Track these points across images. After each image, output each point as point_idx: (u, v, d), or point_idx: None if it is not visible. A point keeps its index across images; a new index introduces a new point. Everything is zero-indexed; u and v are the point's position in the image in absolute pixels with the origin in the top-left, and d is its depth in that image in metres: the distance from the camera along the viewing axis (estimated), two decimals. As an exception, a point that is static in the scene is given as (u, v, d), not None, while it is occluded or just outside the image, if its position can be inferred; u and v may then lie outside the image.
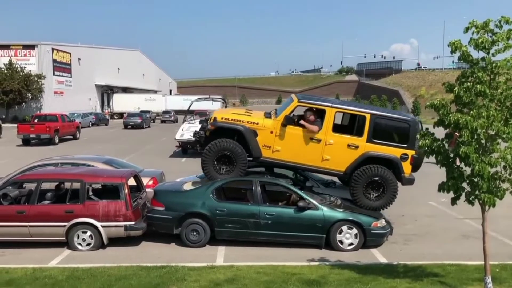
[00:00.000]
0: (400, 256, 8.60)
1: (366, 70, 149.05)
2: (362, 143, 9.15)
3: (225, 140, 9.23)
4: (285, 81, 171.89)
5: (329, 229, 8.82)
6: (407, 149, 9.15)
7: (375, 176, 9.07)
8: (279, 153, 9.33)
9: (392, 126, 9.45)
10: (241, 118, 9.49)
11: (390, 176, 9.11)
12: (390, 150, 9.16)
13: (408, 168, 9.22)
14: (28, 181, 9.52)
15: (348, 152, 9.17)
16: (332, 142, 9.19)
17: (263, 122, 9.43)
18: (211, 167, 9.27)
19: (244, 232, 8.97)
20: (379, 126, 9.23)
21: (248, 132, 9.26)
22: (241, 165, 9.23)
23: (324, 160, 9.25)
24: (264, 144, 9.32)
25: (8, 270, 7.59)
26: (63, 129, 30.79)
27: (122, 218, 8.72)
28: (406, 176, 9.24)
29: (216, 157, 9.23)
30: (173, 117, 55.81)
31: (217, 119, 9.45)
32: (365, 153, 9.12)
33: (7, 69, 48.16)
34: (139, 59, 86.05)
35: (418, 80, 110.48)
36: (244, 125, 9.33)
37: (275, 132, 9.30)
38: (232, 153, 9.17)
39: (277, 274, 7.41)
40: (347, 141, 9.22)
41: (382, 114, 9.48)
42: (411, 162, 9.19)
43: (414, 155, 9.16)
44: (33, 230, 8.72)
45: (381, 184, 9.13)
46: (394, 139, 9.29)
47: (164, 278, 7.21)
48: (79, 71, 61.58)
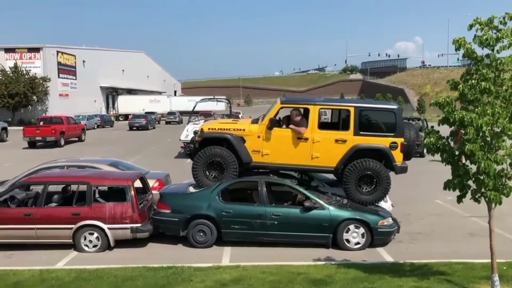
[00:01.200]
0: (407, 254, 8.58)
1: (370, 69, 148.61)
2: (349, 137, 9.15)
3: (214, 146, 9.32)
4: (289, 81, 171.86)
5: (336, 229, 8.81)
6: (396, 137, 9.13)
7: (367, 170, 9.04)
8: (269, 157, 9.37)
9: (378, 117, 9.50)
10: (227, 126, 9.66)
11: (381, 168, 9.09)
12: (379, 141, 9.15)
13: (399, 156, 9.19)
14: (35, 184, 9.58)
15: (336, 147, 9.17)
16: (319, 140, 9.21)
17: (249, 128, 9.51)
18: (201, 174, 9.32)
19: (251, 233, 8.98)
20: (365, 118, 9.26)
21: (235, 139, 9.32)
22: (232, 170, 9.26)
23: (314, 158, 9.26)
24: (253, 149, 9.38)
25: (15, 272, 7.64)
26: (68, 131, 30.91)
27: (129, 220, 8.75)
28: (398, 164, 9.20)
29: (206, 164, 9.29)
30: (178, 118, 55.88)
31: (204, 130, 9.61)
32: (353, 146, 9.10)
33: (12, 72, 48.43)
34: (143, 60, 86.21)
35: (423, 78, 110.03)
36: (230, 132, 9.41)
37: (262, 136, 9.36)
38: (221, 158, 9.24)
39: (283, 274, 7.41)
40: (334, 136, 9.25)
41: (366, 106, 9.57)
42: (402, 150, 9.17)
43: (404, 143, 9.16)
44: (40, 233, 8.77)
45: (373, 178, 9.11)
46: (381, 129, 9.31)
47: (171, 279, 7.23)
48: (84, 73, 61.78)
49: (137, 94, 74.91)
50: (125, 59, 76.40)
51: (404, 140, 9.16)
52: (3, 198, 9.17)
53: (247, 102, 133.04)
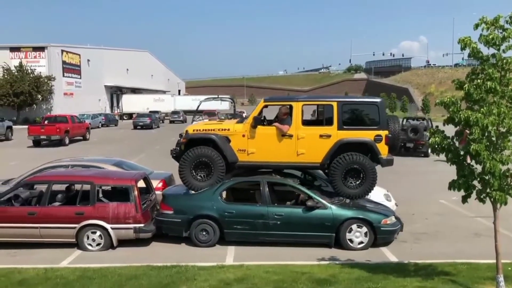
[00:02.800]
0: (411, 254, 8.54)
1: (375, 68, 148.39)
2: (333, 132, 9.14)
3: (200, 147, 9.31)
4: (293, 80, 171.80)
5: (339, 228, 8.79)
6: (380, 130, 9.13)
7: (352, 164, 9.03)
8: (255, 155, 9.36)
9: (361, 110, 9.52)
10: (211, 127, 9.67)
11: (367, 162, 9.08)
12: (363, 134, 9.15)
13: (384, 149, 9.18)
14: (39, 183, 9.60)
15: (321, 142, 9.17)
16: (304, 136, 9.21)
17: (234, 127, 9.52)
18: (188, 175, 9.29)
19: (253, 233, 8.97)
20: (348, 112, 9.27)
21: (220, 139, 9.31)
22: (219, 170, 9.24)
23: (299, 154, 9.25)
24: (238, 148, 9.37)
25: (20, 270, 7.66)
26: (73, 130, 30.99)
27: (132, 220, 8.76)
28: (384, 157, 9.19)
29: (193, 165, 9.27)
30: (182, 117, 55.91)
31: (188, 132, 9.62)
32: (338, 141, 9.09)
33: (17, 71, 48.63)
34: (147, 60, 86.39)
35: (428, 77, 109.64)
36: (215, 133, 9.41)
37: (247, 135, 9.36)
38: (208, 158, 9.22)
39: (287, 274, 7.39)
40: (319, 132, 9.24)
41: (349, 100, 9.66)
42: (386, 142, 9.16)
43: (388, 135, 9.16)
44: (43, 232, 8.79)
45: (359, 171, 9.09)
46: (365, 123, 9.32)
47: (174, 278, 7.23)
48: (89, 72, 61.97)
49: (141, 93, 75.08)
50: (130, 58, 76.57)
51: (388, 133, 9.18)
52: (7, 197, 9.20)
53: (251, 101, 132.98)
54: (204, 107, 36.39)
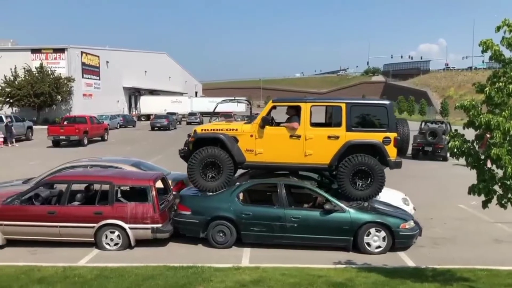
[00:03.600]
0: (429, 259, 8.44)
1: (393, 71, 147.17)
2: (342, 133, 9.11)
3: (209, 147, 9.33)
4: (310, 82, 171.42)
5: (357, 232, 8.73)
6: (388, 132, 9.07)
7: (360, 165, 8.97)
8: (262, 155, 9.37)
9: (369, 112, 9.46)
10: (220, 127, 9.71)
11: (375, 163, 9.01)
12: (371, 136, 9.09)
13: (393, 151, 9.11)
14: (59, 182, 9.74)
15: (329, 143, 9.13)
16: (312, 137, 9.19)
17: (242, 127, 9.55)
18: (197, 175, 9.32)
19: (270, 236, 8.96)
20: (356, 114, 9.23)
21: (228, 138, 9.33)
22: (228, 170, 9.27)
23: (307, 155, 9.22)
24: (246, 148, 9.38)
25: (40, 268, 7.78)
26: (92, 131, 31.37)
27: (150, 220, 8.82)
28: (393, 159, 9.10)
29: (202, 165, 9.30)
30: (199, 119, 56.14)
31: (197, 131, 9.67)
32: (346, 142, 9.05)
33: (38, 72, 49.42)
34: (165, 62, 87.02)
35: (447, 80, 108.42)
36: (223, 132, 9.43)
37: (255, 135, 9.37)
38: (217, 158, 9.24)
39: (303, 276, 7.36)
40: (327, 133, 9.21)
41: (357, 102, 9.56)
42: (395, 144, 9.09)
43: (397, 137, 9.09)
44: (63, 231, 8.91)
45: (367, 173, 9.03)
46: (373, 125, 9.27)
47: (191, 279, 7.26)
48: (107, 74, 62.66)
49: (159, 94, 75.67)
50: (148, 60, 77.24)
51: (397, 135, 9.11)
52: (28, 196, 9.35)
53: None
54: (221, 109, 36.47)
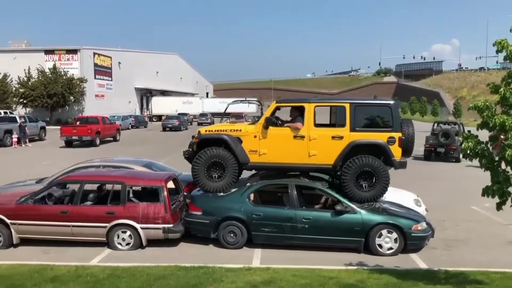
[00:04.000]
0: (441, 262, 8.36)
1: (405, 71, 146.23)
2: (346, 133, 9.07)
3: (213, 147, 9.36)
4: (321, 83, 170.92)
5: (368, 233, 8.68)
6: (393, 132, 9.01)
7: (365, 167, 8.92)
8: (266, 156, 9.36)
9: (374, 112, 9.43)
10: (224, 128, 9.74)
11: (379, 164, 8.95)
12: (376, 136, 9.04)
13: (397, 151, 9.04)
14: (72, 182, 9.82)
15: (333, 144, 9.10)
16: (316, 137, 9.16)
17: (245, 128, 9.56)
18: (202, 176, 9.35)
19: (281, 236, 8.95)
20: (360, 114, 9.17)
21: (232, 139, 9.34)
22: (233, 170, 9.28)
23: (311, 156, 9.20)
24: (250, 149, 9.39)
25: (52, 267, 7.86)
26: (104, 131, 31.60)
27: (161, 220, 8.86)
28: (397, 159, 9.04)
29: (207, 166, 9.32)
30: (210, 120, 56.29)
31: (201, 132, 9.72)
32: (350, 142, 9.01)
33: (51, 73, 49.92)
34: (177, 62, 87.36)
35: (460, 81, 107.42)
36: (227, 133, 9.45)
37: (258, 136, 9.37)
38: (221, 159, 9.26)
39: (314, 278, 7.34)
40: (331, 133, 9.19)
41: (361, 102, 9.50)
42: (400, 144, 9.03)
43: (402, 137, 9.02)
44: (75, 230, 8.98)
45: (372, 174, 8.97)
46: (378, 125, 9.22)
47: (202, 279, 7.28)
48: (119, 75, 63.08)
49: (170, 95, 75.98)
50: (160, 61, 77.63)
51: (402, 135, 9.04)
52: (41, 196, 9.44)
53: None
54: (232, 110, 36.48)
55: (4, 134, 29.28)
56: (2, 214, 9.03)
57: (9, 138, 29.54)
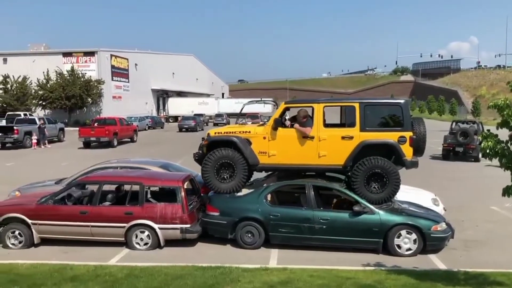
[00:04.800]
0: (460, 262, 8.25)
1: (422, 70, 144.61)
2: (356, 133, 8.99)
3: (222, 148, 9.37)
4: (337, 82, 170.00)
5: (387, 234, 8.61)
6: (404, 131, 8.90)
7: (375, 168, 8.83)
8: (276, 157, 9.35)
9: (384, 112, 9.32)
10: (233, 130, 9.78)
11: (390, 166, 8.85)
12: (386, 135, 8.94)
13: (409, 151, 8.93)
14: (90, 183, 9.94)
15: (343, 144, 9.04)
16: (325, 138, 9.12)
17: (255, 129, 9.56)
18: (212, 177, 9.38)
19: (298, 237, 8.93)
20: (370, 113, 9.09)
21: (241, 141, 9.35)
22: (242, 171, 9.30)
23: (321, 156, 9.15)
24: (259, 150, 9.39)
25: (72, 266, 7.97)
26: (121, 132, 31.91)
27: (179, 221, 8.92)
28: (408, 159, 8.92)
29: (216, 167, 9.36)
30: (226, 120, 56.33)
31: (210, 134, 9.76)
32: (361, 142, 8.93)
33: (69, 75, 50.64)
34: (193, 63, 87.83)
35: (478, 79, 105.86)
36: (236, 135, 9.46)
37: (267, 137, 9.36)
38: (231, 160, 9.28)
39: (331, 278, 7.31)
40: (341, 133, 9.13)
41: (371, 101, 9.42)
42: (411, 143, 8.91)
43: (413, 136, 8.91)
44: (94, 230, 9.10)
45: (382, 176, 8.87)
46: (388, 124, 9.12)
47: (219, 279, 7.30)
48: (136, 76, 63.68)
49: (186, 96, 76.44)
50: (176, 62, 78.16)
51: (413, 134, 8.94)
52: (61, 196, 9.58)
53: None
54: (247, 110, 36.55)
55: (24, 135, 29.80)
56: (23, 214, 9.20)
57: (29, 139, 30.05)
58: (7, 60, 54.62)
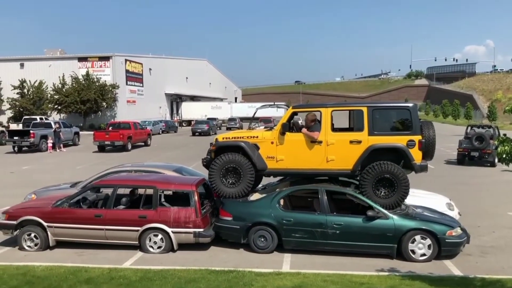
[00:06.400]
0: (476, 269, 8.15)
1: (436, 74, 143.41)
2: (364, 137, 8.94)
3: (229, 153, 9.40)
4: (350, 86, 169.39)
5: (401, 239, 8.54)
6: (412, 135, 8.83)
7: (384, 173, 8.76)
8: (284, 162, 9.35)
9: (392, 115, 9.28)
10: (241, 135, 9.77)
11: (399, 171, 8.77)
12: (395, 139, 8.88)
13: (418, 155, 8.85)
14: (105, 187, 10.03)
15: (351, 148, 8.99)
16: (333, 142, 9.09)
17: (262, 134, 9.58)
18: (218, 181, 9.42)
19: (312, 242, 8.89)
20: (379, 117, 9.04)
21: (249, 146, 9.38)
22: (248, 176, 9.31)
23: (329, 161, 9.12)
24: (267, 155, 9.41)
25: (87, 269, 8.04)
26: (135, 136, 32.16)
27: (192, 225, 8.96)
28: (418, 163, 8.84)
29: (223, 171, 9.39)
30: (239, 124, 56.52)
31: (218, 140, 9.78)
32: (369, 146, 8.88)
33: (84, 79, 51.29)
34: (206, 68, 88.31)
35: (494, 83, 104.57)
36: (244, 140, 9.47)
37: (275, 142, 9.37)
38: (237, 164, 9.30)
39: (345, 283, 7.27)
40: (349, 138, 9.09)
41: (379, 105, 9.36)
42: (420, 147, 8.83)
43: (422, 140, 8.82)
44: (109, 233, 9.17)
45: (391, 181, 8.80)
46: (397, 128, 9.07)
47: (232, 283, 7.31)
48: (150, 81, 64.22)
49: (199, 100, 76.86)
50: (189, 66, 78.67)
51: (422, 138, 8.86)
52: (76, 199, 9.68)
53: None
54: (260, 114, 36.58)
55: (40, 139, 30.21)
56: (39, 217, 9.31)
57: (45, 143, 30.46)
58: (23, 65, 55.51)
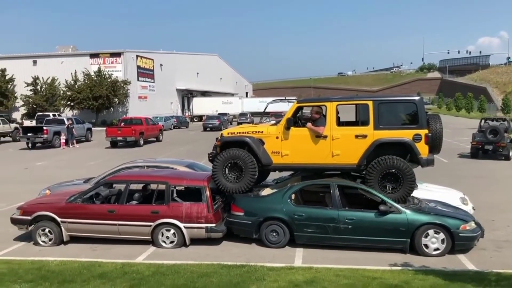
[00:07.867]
0: (491, 263, 8.06)
1: (449, 67, 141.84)
2: (370, 132, 8.86)
3: (233, 148, 9.38)
4: (362, 80, 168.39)
5: (414, 233, 8.47)
6: (419, 129, 8.72)
7: (390, 168, 8.68)
8: (289, 157, 9.31)
9: (398, 109, 9.17)
10: (246, 130, 9.74)
11: (405, 166, 8.68)
12: (401, 133, 8.79)
13: (424, 149, 8.75)
14: (118, 182, 10.10)
15: (357, 143, 8.91)
16: (339, 136, 9.02)
17: (267, 129, 9.52)
18: (220, 176, 9.41)
19: (324, 237, 8.87)
20: (384, 111, 8.92)
21: (254, 141, 9.35)
22: (251, 171, 9.27)
23: (334, 155, 9.07)
24: (272, 150, 9.37)
25: (100, 264, 8.12)
26: (147, 132, 32.34)
27: (204, 220, 8.99)
28: (424, 157, 8.74)
29: (225, 166, 9.37)
30: (249, 119, 56.43)
31: (223, 135, 9.76)
32: (375, 141, 8.79)
33: (96, 76, 51.63)
34: (217, 63, 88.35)
35: (509, 75, 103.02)
36: (249, 135, 9.45)
37: (280, 137, 9.32)
38: (240, 160, 9.28)
39: (357, 278, 7.24)
40: (354, 132, 9.01)
41: (385, 99, 9.23)
42: (426, 141, 8.72)
43: (428, 134, 8.71)
44: (122, 229, 9.24)
45: (397, 176, 8.73)
46: (403, 122, 8.97)
47: (244, 277, 7.32)
48: (161, 77, 64.44)
49: (210, 96, 76.98)
50: (200, 62, 78.76)
51: (428, 131, 8.75)
52: (89, 195, 9.77)
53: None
54: (271, 109, 36.56)
55: (53, 135, 30.52)
56: (53, 213, 9.42)
57: (58, 139, 30.76)
58: (36, 62, 56.03)
